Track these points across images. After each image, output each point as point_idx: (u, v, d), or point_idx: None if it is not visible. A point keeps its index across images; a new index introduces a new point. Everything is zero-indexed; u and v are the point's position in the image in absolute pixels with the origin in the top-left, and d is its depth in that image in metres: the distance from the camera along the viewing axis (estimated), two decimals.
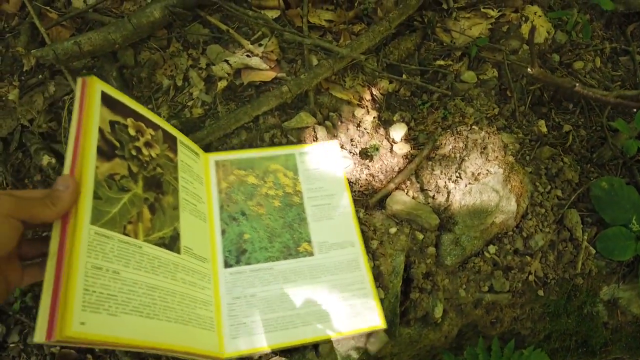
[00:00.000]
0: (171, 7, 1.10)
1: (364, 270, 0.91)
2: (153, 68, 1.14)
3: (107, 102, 0.71)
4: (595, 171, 1.14)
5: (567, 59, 1.26)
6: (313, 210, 0.97)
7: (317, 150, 1.05)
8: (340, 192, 1.01)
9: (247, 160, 1.00)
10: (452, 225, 1.01)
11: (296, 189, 0.99)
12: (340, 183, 1.02)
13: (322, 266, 0.90)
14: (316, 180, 1.01)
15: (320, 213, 0.97)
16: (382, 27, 1.13)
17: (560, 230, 1.04)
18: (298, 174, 1.01)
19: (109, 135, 0.69)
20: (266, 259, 0.89)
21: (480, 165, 1.05)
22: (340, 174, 1.03)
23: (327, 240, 0.94)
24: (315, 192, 1.00)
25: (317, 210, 0.97)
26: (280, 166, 1.02)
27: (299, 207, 0.97)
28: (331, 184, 1.02)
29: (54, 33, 1.16)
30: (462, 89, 1.19)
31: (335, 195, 1.00)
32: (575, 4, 1.32)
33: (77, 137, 0.63)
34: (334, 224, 0.97)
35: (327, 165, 1.04)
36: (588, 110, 1.22)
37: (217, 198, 0.93)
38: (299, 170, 1.02)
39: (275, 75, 1.12)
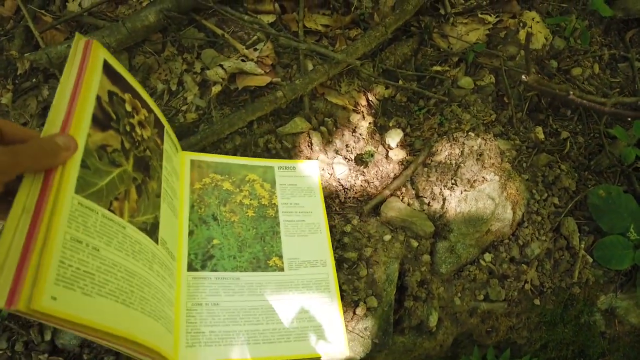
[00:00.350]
0: (166, 11, 1.09)
1: (333, 292, 0.89)
2: (147, 72, 1.13)
3: (108, 71, 0.68)
4: (593, 179, 1.13)
5: (565, 65, 1.25)
6: (287, 225, 0.96)
7: (297, 167, 1.04)
8: (317, 211, 1.00)
9: (225, 165, 0.98)
10: (447, 233, 1.00)
11: (272, 201, 0.98)
12: (317, 202, 1.01)
13: (291, 283, 0.88)
14: (293, 196, 1.00)
15: (294, 229, 0.96)
16: (378, 33, 1.13)
17: (556, 239, 1.03)
18: (275, 187, 1.00)
19: (106, 105, 0.65)
20: (233, 268, 0.87)
21: (476, 173, 1.04)
22: (317, 193, 1.02)
23: (298, 257, 0.92)
24: (291, 207, 0.98)
25: (291, 226, 0.96)
26: (258, 177, 1.00)
27: (273, 220, 0.96)
28: (308, 202, 1.00)
29: (48, 36, 1.15)
30: (458, 95, 1.18)
31: (311, 213, 0.99)
32: (573, 10, 1.31)
33: (73, 98, 0.58)
34: (307, 241, 0.95)
35: (305, 182, 1.03)
36: (586, 116, 1.21)
37: (188, 197, 0.90)
38: (277, 183, 1.00)
39: (270, 80, 1.12)
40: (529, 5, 1.29)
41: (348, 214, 1.04)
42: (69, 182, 0.53)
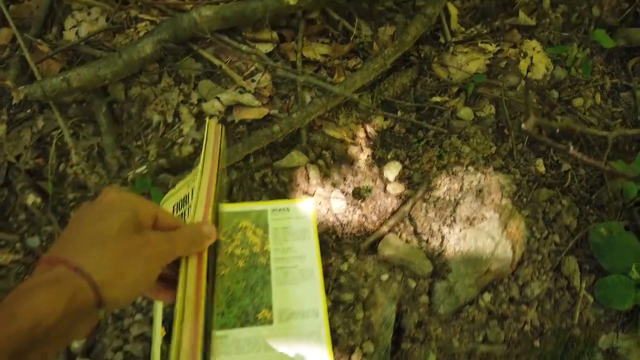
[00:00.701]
0: (163, 42, 1.08)
1: (324, 344, 0.88)
2: (143, 103, 1.12)
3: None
4: (595, 213, 1.12)
5: (567, 95, 1.24)
6: (278, 273, 0.93)
7: (292, 208, 1.02)
8: (310, 255, 0.97)
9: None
10: (445, 273, 0.98)
11: (264, 248, 0.96)
12: (311, 244, 0.99)
13: (280, 338, 0.87)
14: (286, 240, 0.98)
15: (285, 276, 0.93)
16: (377, 64, 1.11)
17: (557, 278, 1.01)
18: (268, 231, 0.98)
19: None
20: (221, 326, 0.85)
21: (476, 210, 1.02)
22: (312, 234, 1.00)
23: (288, 308, 0.90)
24: (283, 252, 0.96)
25: (283, 274, 0.94)
26: (251, 223, 0.98)
27: (264, 268, 0.94)
28: (301, 245, 0.98)
29: (44, 66, 1.14)
30: (458, 127, 1.16)
31: (304, 258, 0.97)
32: (575, 38, 1.30)
33: (210, 186, 0.60)
34: (299, 289, 0.93)
35: (299, 224, 1.01)
36: (587, 148, 1.20)
37: None
38: (270, 227, 0.99)
39: (268, 112, 1.10)
40: (529, 34, 1.28)
41: (345, 251, 1.03)
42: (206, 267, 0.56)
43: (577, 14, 1.35)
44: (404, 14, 1.28)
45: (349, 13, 1.26)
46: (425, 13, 1.19)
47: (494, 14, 1.33)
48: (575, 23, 1.34)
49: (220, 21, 1.11)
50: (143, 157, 1.07)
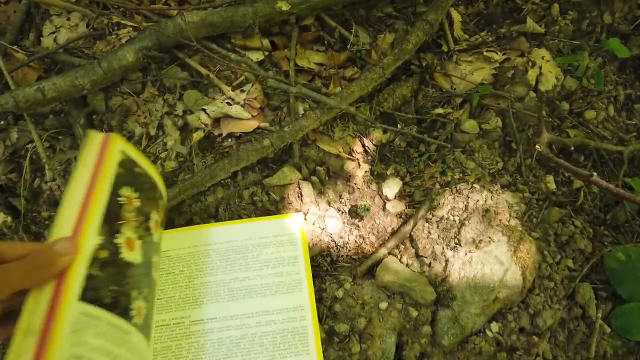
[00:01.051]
0: (145, 49, 1.01)
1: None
2: (125, 114, 1.05)
3: (126, 170, 0.62)
4: (610, 234, 1.03)
5: (578, 107, 1.16)
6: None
7: (280, 225, 0.95)
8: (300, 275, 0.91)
9: (201, 236, 0.90)
10: (449, 301, 0.90)
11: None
12: (300, 267, 0.92)
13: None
14: (271, 266, 0.91)
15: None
16: (375, 75, 1.04)
17: (571, 307, 0.93)
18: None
19: (118, 208, 0.60)
20: None
21: (482, 231, 0.94)
22: (301, 257, 0.93)
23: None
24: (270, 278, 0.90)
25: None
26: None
27: None
28: (290, 269, 0.92)
29: (20, 75, 1.07)
30: (462, 140, 1.09)
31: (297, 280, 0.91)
32: (586, 47, 1.22)
33: (87, 201, 0.54)
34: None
35: (287, 251, 0.93)
36: (601, 164, 1.12)
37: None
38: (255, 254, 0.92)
39: (258, 125, 1.03)
40: (538, 43, 1.20)
41: (340, 275, 0.95)
42: (72, 290, 0.48)
43: (588, 21, 1.28)
44: (405, 21, 1.21)
45: (345, 19, 1.19)
46: (426, 19, 1.12)
47: (499, 20, 1.26)
48: (586, 31, 1.27)
49: (208, 28, 1.04)
50: None
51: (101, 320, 0.50)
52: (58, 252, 0.48)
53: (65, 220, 0.51)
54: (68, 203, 0.53)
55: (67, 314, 0.46)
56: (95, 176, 0.56)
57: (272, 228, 0.94)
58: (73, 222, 0.51)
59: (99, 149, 0.58)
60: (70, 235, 0.51)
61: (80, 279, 0.50)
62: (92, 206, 0.54)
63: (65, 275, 0.48)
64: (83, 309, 0.48)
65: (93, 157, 0.57)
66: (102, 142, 0.59)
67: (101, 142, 0.59)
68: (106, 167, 0.58)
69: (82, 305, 0.48)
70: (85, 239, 0.52)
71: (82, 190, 0.54)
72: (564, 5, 1.29)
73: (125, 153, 0.63)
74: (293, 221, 0.95)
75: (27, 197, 1.00)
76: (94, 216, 0.54)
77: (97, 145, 0.58)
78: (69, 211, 0.52)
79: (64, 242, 0.49)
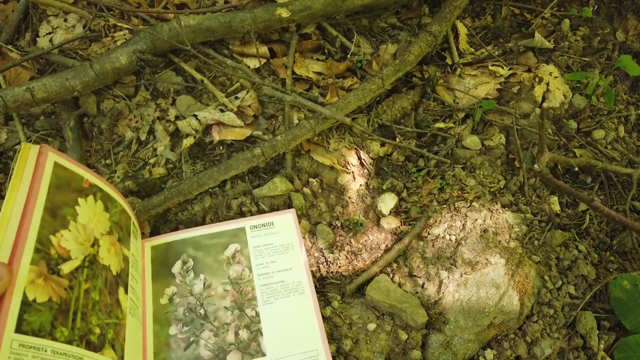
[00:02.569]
0: (139, 52, 0.98)
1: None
2: (116, 118, 1.02)
3: (62, 181, 0.60)
4: (616, 261, 0.98)
5: (586, 127, 1.11)
6: (264, 297, 0.83)
7: (272, 221, 0.91)
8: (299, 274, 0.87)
9: (189, 243, 0.86)
10: (442, 325, 0.85)
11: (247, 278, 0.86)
12: (299, 267, 0.88)
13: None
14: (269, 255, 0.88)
15: (272, 293, 0.84)
16: (374, 85, 1.00)
17: (571, 337, 0.87)
18: (250, 255, 0.88)
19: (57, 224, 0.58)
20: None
21: (479, 252, 0.90)
22: (300, 256, 0.89)
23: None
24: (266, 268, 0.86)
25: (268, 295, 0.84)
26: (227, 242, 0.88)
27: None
28: (288, 264, 0.88)
29: (13, 74, 1.05)
30: (463, 157, 1.04)
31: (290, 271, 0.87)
32: (597, 64, 1.18)
33: (23, 220, 0.52)
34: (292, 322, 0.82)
35: (282, 241, 0.90)
36: (609, 186, 1.07)
37: (151, 293, 0.79)
38: (250, 247, 0.88)
39: (251, 133, 1.00)
40: (546, 58, 1.16)
41: (329, 293, 0.90)
42: (7, 320, 0.46)
43: (600, 38, 1.24)
44: (409, 32, 1.18)
45: (347, 29, 1.16)
46: (430, 31, 1.08)
47: (507, 34, 1.22)
48: (597, 48, 1.22)
49: (205, 32, 1.02)
50: (110, 178, 0.96)
51: (44, 350, 0.47)
52: None
53: (4, 243, 0.49)
54: (4, 225, 0.50)
55: (5, 349, 0.43)
56: (31, 194, 0.53)
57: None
58: (9, 246, 0.49)
59: (34, 164, 0.56)
60: (7, 261, 0.48)
61: (16, 308, 0.46)
62: (31, 227, 0.52)
63: (2, 305, 0.46)
64: (22, 341, 0.45)
65: (28, 173, 0.55)
66: (37, 155, 0.57)
67: (36, 156, 0.56)
68: (42, 183, 0.56)
69: (20, 336, 0.45)
70: (23, 264, 0.49)
71: (19, 210, 0.51)
72: (575, 21, 1.25)
73: (59, 165, 0.60)
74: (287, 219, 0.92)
75: None
76: (32, 238, 0.51)
77: (33, 160, 0.56)
78: (7, 234, 0.49)
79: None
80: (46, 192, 0.56)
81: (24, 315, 0.47)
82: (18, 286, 0.48)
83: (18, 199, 0.53)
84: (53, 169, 0.59)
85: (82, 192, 0.64)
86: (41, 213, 0.54)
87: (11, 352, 0.44)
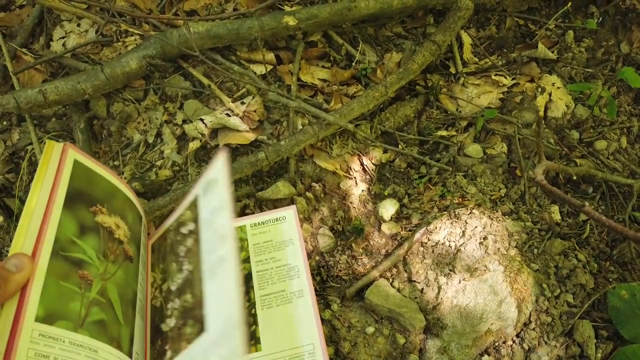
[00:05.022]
0: (149, 57, 1.01)
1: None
2: (125, 121, 1.05)
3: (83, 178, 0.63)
4: (615, 271, 0.98)
5: (588, 137, 1.12)
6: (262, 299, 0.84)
7: (272, 219, 0.92)
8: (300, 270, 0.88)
9: None
10: (440, 330, 0.86)
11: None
12: (300, 262, 0.88)
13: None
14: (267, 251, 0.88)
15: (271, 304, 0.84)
16: (377, 93, 1.02)
17: (569, 345, 0.88)
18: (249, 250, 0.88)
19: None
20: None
21: (478, 259, 0.91)
22: (300, 253, 0.89)
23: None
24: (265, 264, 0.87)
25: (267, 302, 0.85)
26: None
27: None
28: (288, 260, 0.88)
29: (26, 77, 1.08)
30: (465, 164, 1.06)
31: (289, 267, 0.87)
32: (599, 76, 1.18)
33: (47, 215, 0.54)
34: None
35: (282, 241, 0.91)
36: (610, 196, 1.07)
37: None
38: (250, 244, 0.89)
39: (256, 138, 1.02)
40: (549, 69, 1.17)
41: (328, 296, 0.92)
42: (28, 310, 0.48)
43: (604, 49, 1.25)
44: (413, 41, 1.20)
45: (353, 37, 1.18)
46: (434, 40, 1.10)
47: (511, 45, 1.24)
48: (601, 59, 1.23)
49: (214, 39, 1.04)
50: None
51: (62, 340, 0.49)
52: (10, 270, 0.47)
53: (25, 235, 0.51)
54: (29, 217, 0.52)
55: (26, 337, 0.45)
56: (55, 189, 0.56)
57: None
58: (34, 238, 0.51)
59: (58, 160, 0.58)
60: (31, 251, 0.50)
61: (37, 298, 0.49)
62: (52, 220, 0.54)
63: (24, 294, 0.48)
64: (42, 330, 0.47)
65: (52, 169, 0.57)
66: (60, 152, 0.59)
67: (60, 153, 0.59)
68: (64, 179, 0.58)
69: (40, 325, 0.47)
70: (44, 255, 0.51)
71: (43, 203, 0.54)
72: (579, 33, 1.26)
73: (80, 162, 0.63)
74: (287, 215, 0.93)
75: (22, 197, 1.00)
76: (53, 231, 0.53)
77: (57, 156, 0.58)
78: (31, 226, 0.52)
79: (16, 259, 0.48)
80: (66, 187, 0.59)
81: (45, 305, 0.49)
82: (38, 277, 0.50)
83: (42, 193, 0.56)
84: (73, 167, 0.62)
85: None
86: (61, 208, 0.57)
87: (31, 341, 0.46)
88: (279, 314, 0.80)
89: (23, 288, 0.48)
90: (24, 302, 0.48)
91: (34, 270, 0.50)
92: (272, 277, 0.84)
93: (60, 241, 0.55)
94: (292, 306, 0.82)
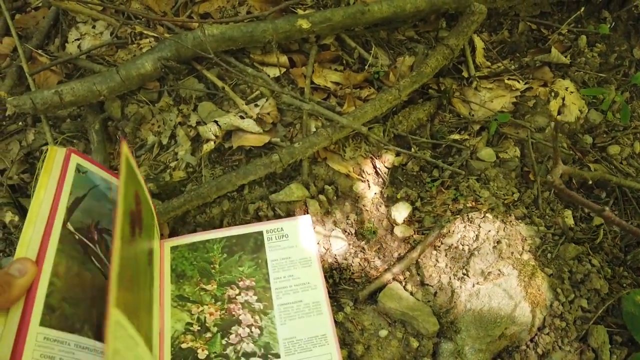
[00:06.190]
0: (164, 60, 1.02)
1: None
2: (139, 122, 1.06)
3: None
4: (629, 276, 0.98)
5: (601, 142, 1.12)
6: (280, 308, 0.84)
7: (288, 227, 0.93)
8: (314, 280, 0.88)
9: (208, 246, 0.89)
10: (453, 334, 0.86)
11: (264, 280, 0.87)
12: (314, 271, 0.89)
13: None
14: (285, 269, 0.89)
15: (290, 310, 0.84)
16: (391, 96, 1.02)
17: (583, 350, 0.87)
18: (267, 261, 0.89)
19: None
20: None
21: (492, 263, 0.91)
22: (315, 261, 0.90)
23: (295, 336, 0.81)
24: (284, 281, 0.87)
25: (285, 309, 0.85)
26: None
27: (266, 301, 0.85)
28: (303, 272, 0.89)
29: (42, 78, 1.09)
30: (478, 168, 1.06)
31: (307, 285, 0.88)
32: (613, 81, 1.18)
33: (52, 219, 0.55)
34: (304, 320, 0.83)
35: (299, 247, 0.91)
36: (624, 201, 1.07)
37: (169, 296, 0.81)
38: (267, 251, 0.90)
39: (269, 140, 1.02)
40: (562, 73, 1.17)
41: (341, 299, 0.92)
42: (32, 314, 0.48)
43: (617, 54, 1.24)
44: (426, 45, 1.20)
45: (366, 41, 1.18)
46: (447, 44, 1.10)
47: (523, 49, 1.24)
48: (614, 64, 1.23)
49: (228, 41, 1.05)
50: None
51: (67, 344, 0.49)
52: (13, 275, 0.47)
53: (29, 239, 0.51)
54: (32, 223, 0.52)
55: (31, 341, 0.46)
56: (58, 195, 0.56)
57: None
58: (37, 243, 0.51)
59: (61, 166, 0.58)
60: (35, 256, 0.50)
61: (41, 302, 0.49)
62: (55, 226, 0.54)
63: (29, 299, 0.48)
64: (46, 334, 0.47)
65: (55, 175, 0.57)
66: (63, 158, 0.59)
67: (62, 159, 0.59)
68: (67, 185, 0.59)
69: (45, 330, 0.47)
70: (48, 260, 0.51)
71: (46, 209, 0.54)
72: (592, 37, 1.26)
73: (82, 166, 0.63)
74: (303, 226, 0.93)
75: None
76: (57, 234, 0.54)
77: (59, 162, 0.59)
78: (35, 232, 0.52)
79: (19, 264, 0.48)
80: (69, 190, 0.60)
81: (49, 309, 0.49)
82: (43, 281, 0.50)
83: (45, 198, 0.56)
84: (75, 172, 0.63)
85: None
86: (64, 214, 0.57)
87: (36, 345, 0.46)
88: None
89: (28, 292, 0.48)
90: (28, 306, 0.48)
91: (38, 274, 0.50)
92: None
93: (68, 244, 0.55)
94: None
